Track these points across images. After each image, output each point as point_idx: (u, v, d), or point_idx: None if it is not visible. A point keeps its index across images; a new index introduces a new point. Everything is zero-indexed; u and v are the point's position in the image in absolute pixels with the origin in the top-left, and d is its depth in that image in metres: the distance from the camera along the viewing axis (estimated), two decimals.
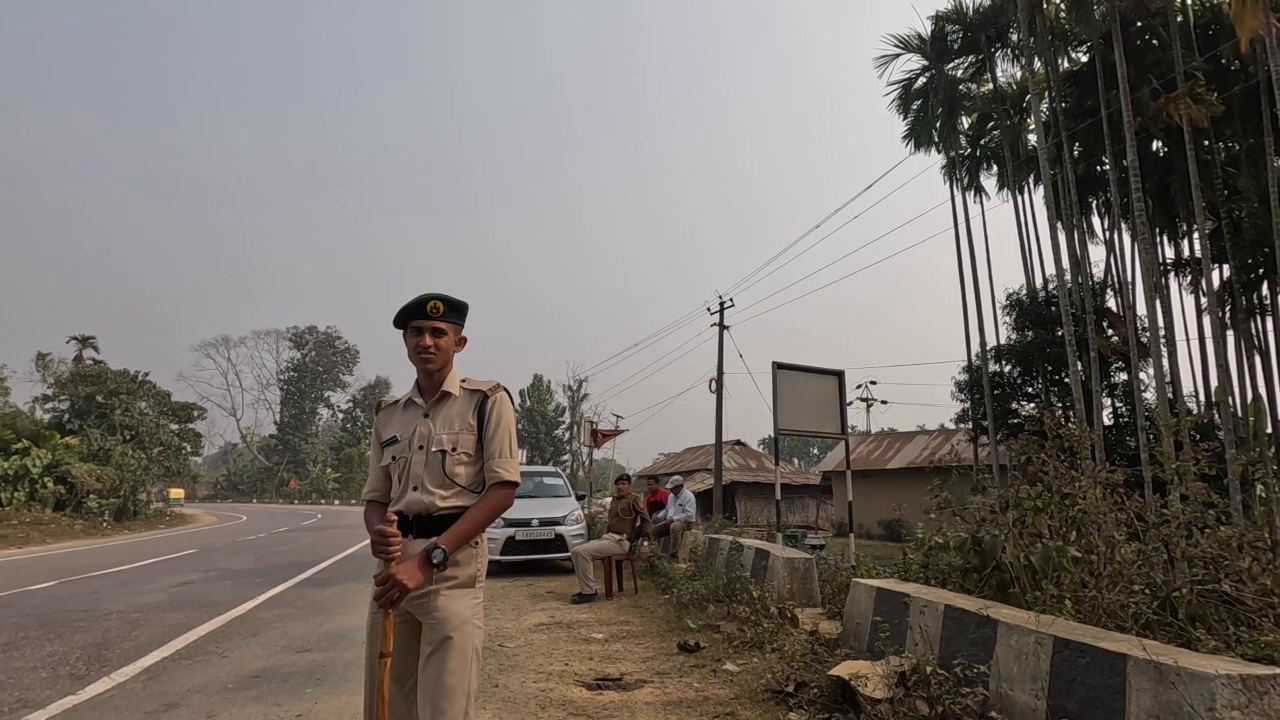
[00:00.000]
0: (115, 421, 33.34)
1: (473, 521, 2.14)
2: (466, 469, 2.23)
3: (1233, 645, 3.47)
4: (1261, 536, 4.34)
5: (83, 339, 39.77)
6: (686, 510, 11.77)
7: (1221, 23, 16.80)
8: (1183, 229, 19.77)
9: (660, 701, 4.18)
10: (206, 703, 4.26)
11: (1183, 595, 3.89)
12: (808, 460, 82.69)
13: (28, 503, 25.75)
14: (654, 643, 5.76)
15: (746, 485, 35.06)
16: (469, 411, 2.27)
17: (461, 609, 2.13)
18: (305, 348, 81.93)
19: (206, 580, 10.14)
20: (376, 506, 2.33)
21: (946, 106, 21.11)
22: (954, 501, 5.77)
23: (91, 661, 5.26)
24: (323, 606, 7.79)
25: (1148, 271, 15.90)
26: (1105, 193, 20.12)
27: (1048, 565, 4.34)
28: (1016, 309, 20.12)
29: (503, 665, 5.05)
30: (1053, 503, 4.88)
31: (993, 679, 3.49)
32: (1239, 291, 17.34)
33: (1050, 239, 17.79)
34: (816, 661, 4.64)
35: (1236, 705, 2.47)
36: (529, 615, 7.05)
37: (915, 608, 4.32)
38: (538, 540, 10.11)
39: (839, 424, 10.07)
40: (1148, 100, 16.52)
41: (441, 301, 2.24)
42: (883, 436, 35.32)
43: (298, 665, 5.17)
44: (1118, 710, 2.81)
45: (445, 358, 2.28)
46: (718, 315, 26.53)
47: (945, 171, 23.02)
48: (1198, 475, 4.89)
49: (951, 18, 20.76)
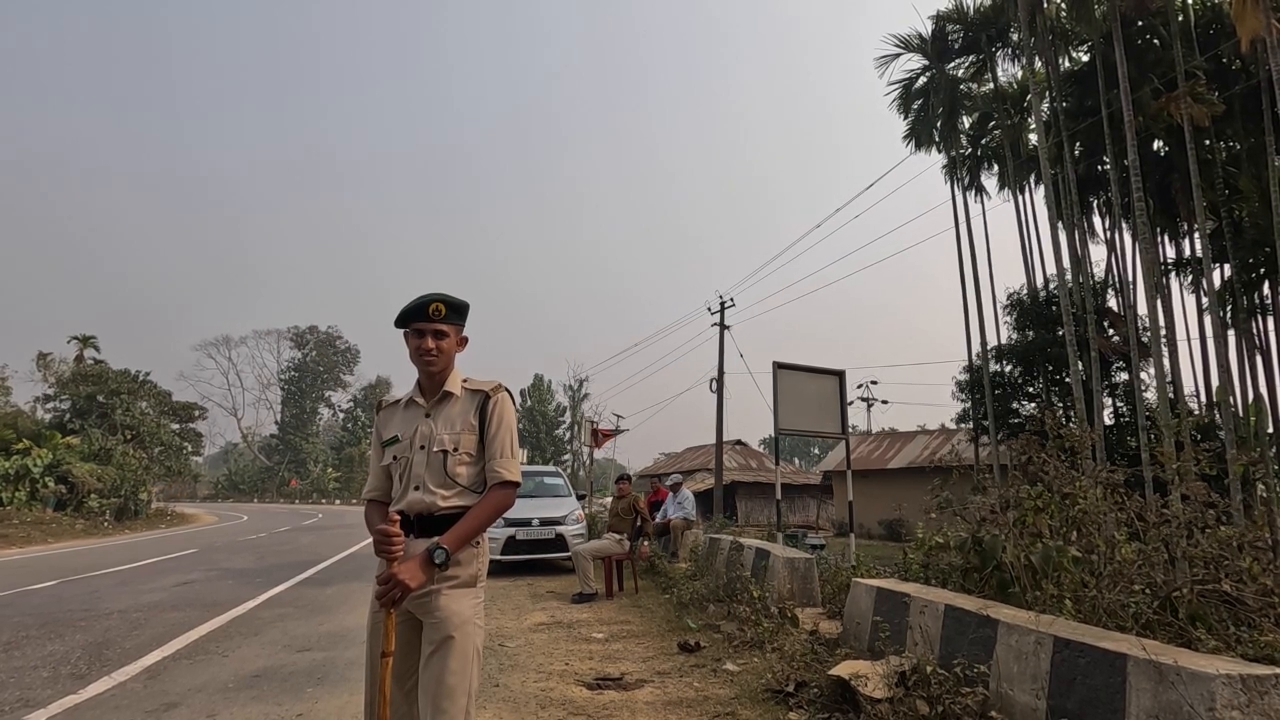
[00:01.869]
0: (116, 421, 33.36)
1: (474, 521, 2.15)
2: (468, 469, 2.23)
3: (1233, 645, 3.46)
4: (1262, 536, 4.34)
5: (84, 339, 39.78)
6: (685, 508, 11.76)
7: (1222, 22, 16.79)
8: (1184, 228, 19.76)
9: (660, 701, 4.18)
10: (207, 702, 4.26)
11: (1183, 595, 3.89)
12: (808, 460, 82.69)
13: (29, 502, 25.77)
14: (654, 642, 5.76)
15: (747, 485, 35.07)
16: (471, 412, 2.27)
17: (463, 608, 2.14)
18: (306, 347, 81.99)
19: (207, 580, 10.15)
20: (377, 506, 2.33)
21: (947, 106, 21.10)
22: (954, 501, 5.78)
23: (92, 661, 5.26)
24: (323, 606, 7.79)
25: (1148, 271, 15.88)
26: (1106, 192, 20.11)
27: (1048, 565, 4.34)
28: (1017, 308, 20.11)
29: (503, 665, 5.05)
30: (1053, 502, 4.88)
31: (993, 679, 3.49)
32: (1240, 291, 17.33)
33: (1051, 238, 17.79)
34: (816, 661, 4.64)
35: (1236, 705, 2.47)
36: (529, 615, 7.05)
37: (915, 607, 4.32)
38: (538, 540, 10.12)
39: (839, 424, 10.07)
40: (1148, 100, 16.51)
41: (443, 303, 2.24)
42: (883, 436, 35.31)
43: (298, 664, 5.17)
44: (1118, 710, 2.81)
45: (447, 359, 2.29)
46: (718, 315, 26.55)
47: (946, 171, 23.03)
48: (1198, 475, 4.89)
49: (952, 17, 20.76)
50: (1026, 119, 21.15)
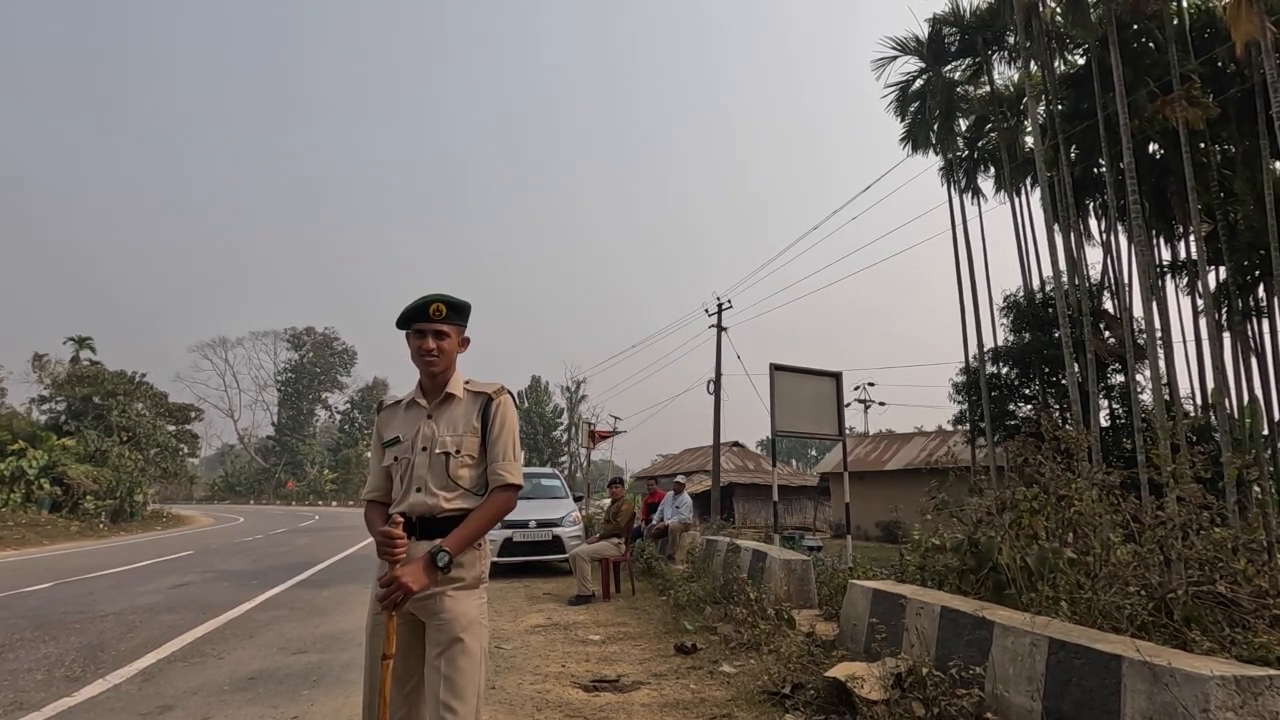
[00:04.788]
0: (112, 423, 33.24)
1: (476, 524, 2.14)
2: (470, 471, 2.23)
3: (1227, 646, 3.47)
4: (1256, 538, 4.35)
5: (79, 340, 39.67)
6: (681, 511, 11.77)
7: (1217, 26, 16.87)
8: (1179, 231, 19.84)
9: (656, 703, 4.18)
10: (202, 704, 4.25)
11: (1178, 596, 3.90)
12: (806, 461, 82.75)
13: (24, 504, 25.66)
14: (651, 644, 5.76)
15: (744, 486, 35.08)
16: (473, 414, 2.26)
17: (469, 610, 2.14)
18: (303, 349, 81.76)
19: (203, 582, 10.12)
20: (377, 507, 2.33)
21: (944, 109, 21.16)
22: (951, 503, 5.79)
23: (87, 663, 5.24)
24: (320, 608, 7.77)
25: (1144, 273, 15.95)
26: (1102, 195, 20.18)
27: (1044, 567, 4.35)
28: (1014, 311, 20.17)
29: (500, 667, 5.04)
30: (1049, 504, 4.89)
31: (988, 680, 3.50)
32: (1235, 294, 17.41)
33: (1047, 241, 17.89)
34: (813, 663, 4.65)
35: (1231, 706, 2.48)
36: (526, 617, 7.04)
37: (911, 609, 4.33)
38: (535, 541, 10.10)
39: (836, 425, 10.07)
40: (1144, 103, 16.58)
41: (444, 304, 2.23)
42: (880, 438, 35.35)
43: (294, 667, 5.16)
44: (1113, 711, 2.81)
45: (448, 360, 2.28)
46: (716, 317, 26.57)
47: (943, 173, 23.09)
48: (1194, 477, 4.90)
49: (948, 20, 20.83)
50: (1023, 122, 21.22)
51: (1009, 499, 5.13)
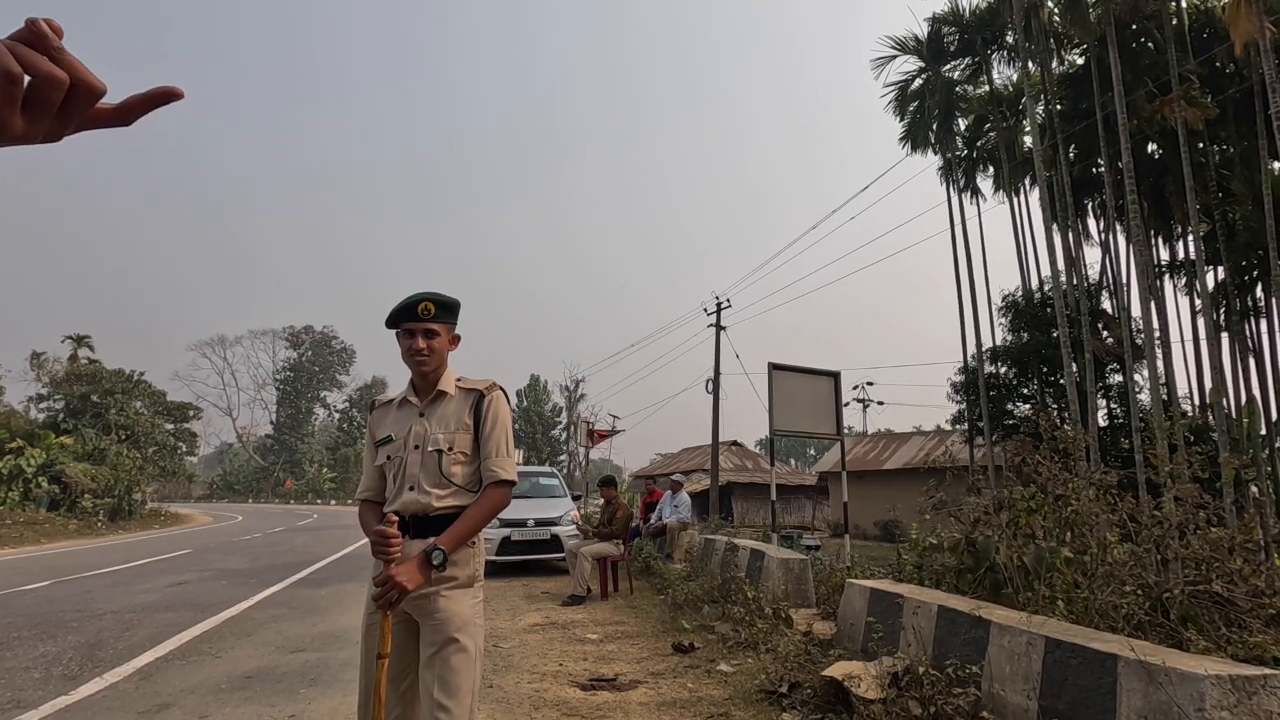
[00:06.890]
0: (110, 421, 33.21)
1: (471, 521, 2.14)
2: (463, 468, 2.23)
3: (1223, 646, 3.48)
4: (1253, 538, 4.36)
5: (78, 338, 39.59)
6: (680, 510, 11.77)
7: (1215, 26, 16.89)
8: (1177, 231, 19.85)
9: (654, 702, 4.19)
10: (200, 703, 4.25)
11: (1174, 596, 3.91)
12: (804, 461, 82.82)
13: (22, 502, 25.62)
14: (649, 643, 5.76)
15: (743, 486, 35.05)
16: (465, 411, 2.27)
17: (463, 609, 2.14)
18: (301, 347, 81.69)
19: (201, 580, 10.11)
20: (371, 506, 2.33)
21: (943, 108, 21.17)
22: (949, 502, 5.79)
23: (84, 662, 5.24)
24: (317, 607, 7.77)
25: (1142, 273, 15.97)
26: (1100, 195, 20.19)
27: (1041, 566, 4.35)
28: (1012, 310, 20.19)
29: (497, 666, 5.05)
30: (1046, 504, 4.90)
31: (985, 679, 3.50)
32: (1233, 294, 17.42)
33: (1046, 240, 17.96)
34: (810, 662, 4.66)
35: (1226, 705, 2.48)
36: (524, 616, 7.05)
37: (909, 608, 4.33)
38: (533, 540, 10.11)
39: (835, 425, 10.07)
40: (1143, 103, 16.59)
41: (433, 303, 2.23)
42: (879, 437, 35.37)
43: (292, 665, 5.16)
44: (1109, 710, 2.82)
45: (439, 358, 2.28)
46: (715, 316, 26.55)
47: (942, 173, 23.09)
48: (1191, 477, 4.91)
49: (948, 20, 20.83)
50: (1022, 121, 21.23)
51: (1006, 498, 5.14)
